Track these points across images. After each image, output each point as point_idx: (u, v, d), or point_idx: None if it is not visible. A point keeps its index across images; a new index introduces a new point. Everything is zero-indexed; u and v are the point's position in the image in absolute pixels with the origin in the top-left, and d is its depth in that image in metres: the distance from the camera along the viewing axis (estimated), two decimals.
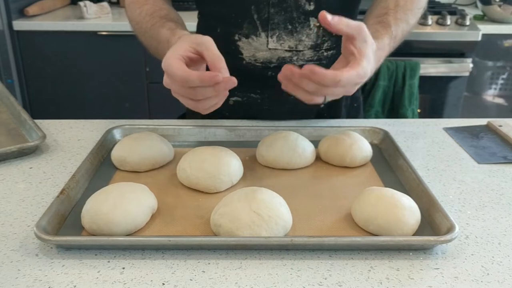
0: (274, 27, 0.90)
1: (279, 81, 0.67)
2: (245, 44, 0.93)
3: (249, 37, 0.92)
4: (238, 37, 0.93)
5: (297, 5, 0.89)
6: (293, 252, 0.59)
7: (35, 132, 0.87)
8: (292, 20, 0.90)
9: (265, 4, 0.89)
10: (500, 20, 2.22)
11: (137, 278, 0.55)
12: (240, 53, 0.94)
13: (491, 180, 0.78)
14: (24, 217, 0.66)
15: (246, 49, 0.93)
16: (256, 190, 0.64)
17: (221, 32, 0.94)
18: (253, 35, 0.92)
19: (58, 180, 0.76)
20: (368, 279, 0.55)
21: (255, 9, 0.90)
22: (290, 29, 0.90)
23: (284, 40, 0.91)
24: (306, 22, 0.90)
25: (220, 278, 0.55)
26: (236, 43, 0.93)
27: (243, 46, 0.93)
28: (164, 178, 0.76)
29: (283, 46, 0.92)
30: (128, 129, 0.88)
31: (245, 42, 0.93)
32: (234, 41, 0.93)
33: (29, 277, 0.55)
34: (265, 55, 0.93)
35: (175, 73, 0.63)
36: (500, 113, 2.38)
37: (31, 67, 2.25)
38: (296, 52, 0.93)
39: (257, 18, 0.90)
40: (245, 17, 0.91)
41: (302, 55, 0.93)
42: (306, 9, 0.89)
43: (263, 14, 0.89)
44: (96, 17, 2.21)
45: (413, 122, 1.04)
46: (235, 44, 0.93)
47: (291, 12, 0.89)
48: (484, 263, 0.58)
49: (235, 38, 0.93)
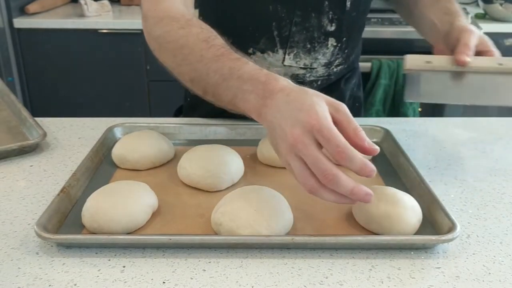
0: (293, 45, 0.89)
1: None
2: (260, 58, 0.90)
3: (265, 52, 0.90)
4: (253, 51, 0.90)
5: (319, 25, 0.89)
6: (294, 251, 0.59)
7: (36, 130, 0.87)
8: (312, 40, 0.89)
9: (288, 22, 0.87)
10: (502, 19, 2.21)
11: (138, 276, 0.55)
12: None
13: (492, 179, 0.77)
14: (24, 215, 0.66)
15: (260, 64, 0.87)
16: (257, 189, 0.64)
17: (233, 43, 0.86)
18: (270, 51, 0.90)
19: (59, 178, 0.76)
20: (369, 278, 0.55)
21: (276, 25, 0.88)
22: (308, 48, 0.90)
23: (300, 58, 0.91)
24: (325, 42, 0.90)
25: (221, 277, 0.55)
26: (250, 56, 0.90)
27: (257, 61, 0.90)
28: (164, 176, 0.76)
29: (298, 64, 0.91)
30: (128, 127, 0.88)
31: (260, 56, 0.90)
32: (247, 54, 0.89)
33: (29, 275, 0.54)
34: (279, 71, 0.91)
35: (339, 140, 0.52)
36: (501, 112, 2.38)
37: (31, 65, 2.25)
38: (310, 69, 0.92)
39: (277, 34, 0.88)
40: (264, 32, 0.89)
41: (315, 72, 0.94)
42: (327, 29, 0.89)
43: (284, 32, 0.88)
44: (97, 15, 2.21)
45: (414, 120, 1.04)
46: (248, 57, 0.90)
47: (312, 32, 0.89)
48: (486, 262, 0.58)
49: (249, 52, 0.90)
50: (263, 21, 0.88)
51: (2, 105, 1.00)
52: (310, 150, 0.52)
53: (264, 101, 0.57)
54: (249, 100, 0.59)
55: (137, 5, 2.43)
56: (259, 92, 0.58)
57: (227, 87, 0.62)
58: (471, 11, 2.25)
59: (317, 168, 0.53)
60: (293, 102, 0.55)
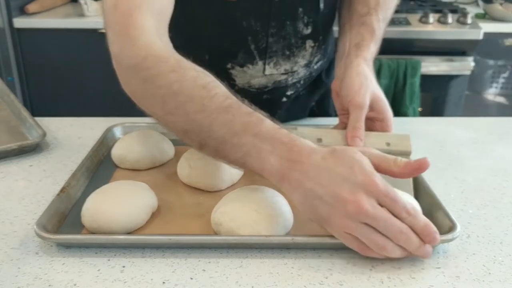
0: (272, 55, 0.87)
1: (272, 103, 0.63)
2: (239, 72, 0.88)
3: (244, 65, 0.87)
4: (232, 66, 0.88)
5: (295, 31, 0.87)
6: (294, 251, 0.59)
7: (35, 129, 0.87)
8: (290, 46, 0.88)
9: (264, 34, 0.85)
10: (502, 19, 2.21)
11: (137, 276, 0.54)
12: (233, 80, 0.89)
13: (493, 179, 0.77)
14: (24, 215, 0.66)
15: (240, 77, 0.88)
16: (257, 189, 0.64)
17: (210, 59, 0.84)
18: (249, 64, 0.87)
19: (58, 178, 0.76)
20: (369, 278, 0.55)
21: (252, 39, 0.85)
22: (287, 54, 0.88)
23: (280, 65, 0.89)
24: (303, 45, 0.89)
25: (221, 277, 0.55)
26: (228, 71, 0.88)
27: (237, 74, 0.88)
28: (164, 176, 0.76)
29: (279, 71, 0.89)
30: (128, 127, 0.88)
31: (239, 70, 0.88)
32: (225, 69, 0.87)
33: (29, 275, 0.54)
34: (260, 81, 0.89)
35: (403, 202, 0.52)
36: (501, 111, 2.38)
37: (31, 64, 2.25)
38: (291, 73, 0.91)
39: (254, 48, 0.86)
40: (241, 47, 0.86)
41: (297, 74, 0.92)
42: (303, 33, 0.88)
43: (261, 44, 0.86)
44: (97, 15, 2.20)
45: (414, 120, 1.04)
46: (227, 72, 0.87)
47: (289, 39, 0.87)
48: (486, 262, 0.58)
49: (227, 67, 0.87)
50: (238, 37, 0.85)
51: (1, 105, 1.00)
52: (381, 212, 0.52)
53: (291, 165, 0.54)
54: (268, 161, 0.55)
55: None
56: (282, 154, 0.55)
57: (238, 144, 0.57)
58: (471, 11, 2.25)
59: (391, 227, 0.52)
60: (338, 166, 0.53)
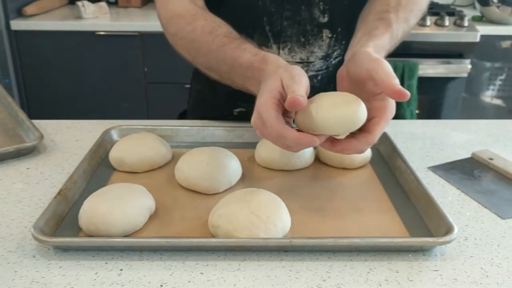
0: (287, 40, 0.88)
1: None
2: None
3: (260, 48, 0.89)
4: None
5: (311, 18, 0.87)
6: (292, 254, 0.59)
7: (33, 132, 0.87)
8: (305, 33, 0.88)
9: (278, 16, 0.86)
10: (498, 21, 2.22)
11: (135, 279, 0.54)
12: None
13: None
14: (21, 218, 0.66)
15: None
16: (254, 191, 0.64)
17: None
18: (264, 47, 0.88)
19: (56, 180, 0.75)
20: (367, 281, 0.55)
21: (267, 20, 0.87)
22: (302, 41, 0.89)
23: (296, 53, 0.90)
24: (319, 34, 0.89)
25: (219, 279, 0.55)
26: None
27: None
28: (162, 179, 0.76)
29: (294, 58, 0.90)
30: (126, 130, 0.88)
31: None
32: None
33: (26, 279, 0.54)
34: None
35: (272, 124, 0.57)
36: (498, 114, 2.39)
37: (29, 67, 2.25)
38: (307, 63, 0.91)
39: (269, 30, 0.88)
40: (257, 28, 0.88)
41: (313, 66, 0.92)
42: (320, 21, 0.88)
43: (276, 26, 0.87)
44: (94, 17, 2.20)
45: (412, 123, 1.04)
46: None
47: (304, 25, 0.88)
48: (483, 265, 0.58)
49: None
50: (254, 17, 0.88)
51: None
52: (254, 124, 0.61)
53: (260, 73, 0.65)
54: (253, 85, 0.67)
55: (135, 7, 2.43)
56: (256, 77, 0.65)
57: (236, 74, 0.71)
58: (468, 13, 2.26)
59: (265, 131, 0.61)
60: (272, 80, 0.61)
